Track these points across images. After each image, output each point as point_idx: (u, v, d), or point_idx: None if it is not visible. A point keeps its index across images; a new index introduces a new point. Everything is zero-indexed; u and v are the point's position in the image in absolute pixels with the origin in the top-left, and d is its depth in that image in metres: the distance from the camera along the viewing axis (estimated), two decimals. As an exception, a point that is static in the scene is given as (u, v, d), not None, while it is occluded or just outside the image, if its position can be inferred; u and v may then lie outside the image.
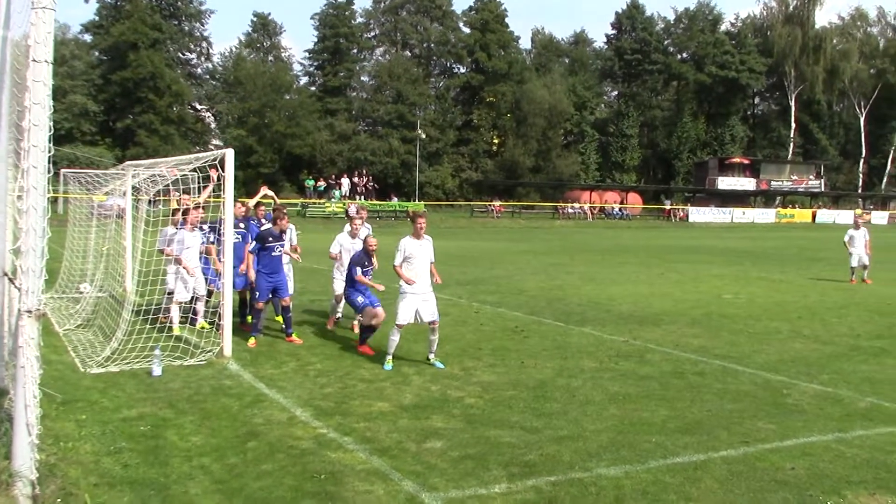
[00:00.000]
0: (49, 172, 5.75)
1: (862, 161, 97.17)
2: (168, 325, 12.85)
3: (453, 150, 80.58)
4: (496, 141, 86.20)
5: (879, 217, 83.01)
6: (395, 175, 75.15)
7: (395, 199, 67.16)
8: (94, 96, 68.72)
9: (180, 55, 79.61)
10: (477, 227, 59.41)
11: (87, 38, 73.55)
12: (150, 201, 15.53)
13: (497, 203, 69.44)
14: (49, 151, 5.70)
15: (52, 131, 5.76)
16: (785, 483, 6.69)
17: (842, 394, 9.73)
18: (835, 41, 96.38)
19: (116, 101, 70.56)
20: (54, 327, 13.06)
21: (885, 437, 8.02)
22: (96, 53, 72.47)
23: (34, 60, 5.65)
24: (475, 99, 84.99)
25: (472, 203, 72.11)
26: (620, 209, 75.29)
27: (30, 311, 5.70)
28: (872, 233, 25.18)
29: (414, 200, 67.20)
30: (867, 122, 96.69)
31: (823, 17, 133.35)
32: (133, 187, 16.21)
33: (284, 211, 13.16)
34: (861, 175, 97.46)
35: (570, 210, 72.15)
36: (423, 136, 72.92)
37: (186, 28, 79.54)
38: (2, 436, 6.51)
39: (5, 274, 8.36)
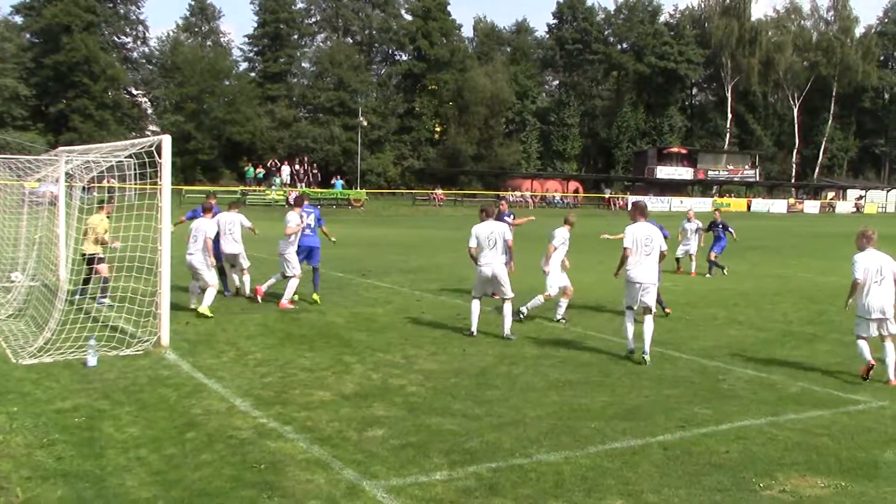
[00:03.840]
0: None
1: (795, 151, 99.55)
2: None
3: (395, 138, 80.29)
4: (438, 129, 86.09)
5: (811, 206, 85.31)
6: (337, 162, 74.66)
7: (339, 180, 66.44)
8: (25, 80, 66.55)
9: (115, 38, 77.56)
10: (419, 215, 59.38)
11: (18, 19, 71.22)
12: (83, 188, 15.16)
13: (439, 191, 69.41)
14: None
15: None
16: (720, 466, 6.84)
17: (775, 379, 9.98)
18: (770, 34, 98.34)
19: (49, 85, 68.52)
20: (-16, 317, 12.72)
21: (815, 420, 8.24)
22: (28, 36, 70.21)
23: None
24: (417, 87, 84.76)
25: (414, 191, 71.97)
26: (562, 198, 75.90)
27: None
28: (803, 221, 25.77)
29: (356, 188, 66.83)
30: (800, 114, 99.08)
31: (759, 10, 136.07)
32: (66, 174, 15.80)
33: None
34: (794, 165, 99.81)
35: (512, 198, 72.49)
36: (365, 123, 72.46)
37: (122, 11, 77.50)
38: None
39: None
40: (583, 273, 18.40)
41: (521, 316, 13.56)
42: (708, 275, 21.07)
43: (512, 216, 17.63)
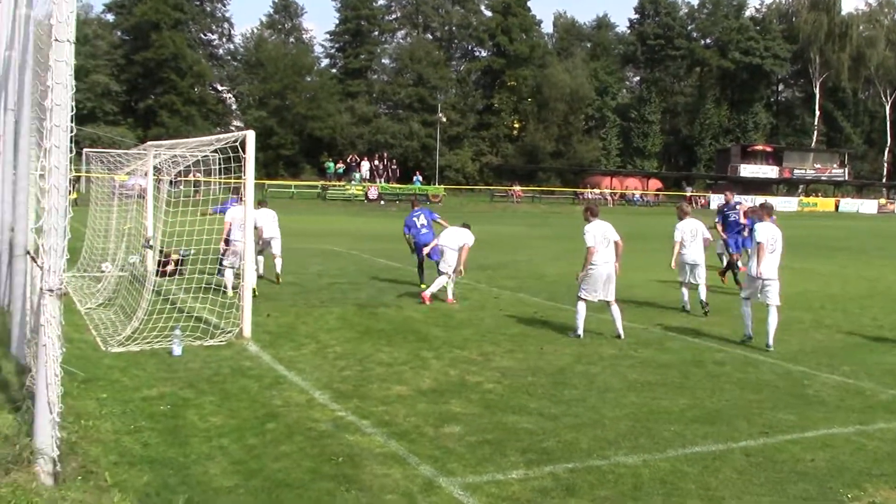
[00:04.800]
0: (71, 152, 5.75)
1: (887, 150, 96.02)
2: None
3: (474, 134, 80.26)
4: (517, 125, 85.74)
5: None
6: (416, 158, 74.99)
7: (418, 176, 66.82)
8: (116, 76, 68.92)
9: (202, 36, 79.46)
10: (497, 211, 59.27)
11: (110, 17, 73.62)
12: (171, 182, 15.57)
13: (517, 188, 69.15)
14: (71, 131, 5.70)
15: (75, 111, 5.75)
16: (805, 475, 6.63)
17: (864, 385, 9.64)
18: (861, 28, 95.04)
19: (139, 81, 70.77)
20: (76, 306, 13.16)
21: (907, 429, 7.93)
22: (119, 33, 72.59)
23: (56, 40, 5.64)
24: (496, 83, 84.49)
25: (491, 187, 71.87)
26: (641, 195, 74.82)
27: (51, 290, 5.72)
28: (895, 222, 24.63)
29: (434, 184, 67.11)
30: (893, 111, 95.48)
31: (850, 3, 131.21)
32: (154, 168, 16.26)
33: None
34: (885, 164, 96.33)
35: (590, 195, 71.77)
36: (444, 119, 72.67)
37: (208, 9, 79.32)
38: (24, 413, 6.56)
39: (28, 253, 8.41)
40: (663, 272, 18.11)
41: (708, 308, 14.46)
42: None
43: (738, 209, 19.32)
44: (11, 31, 9.23)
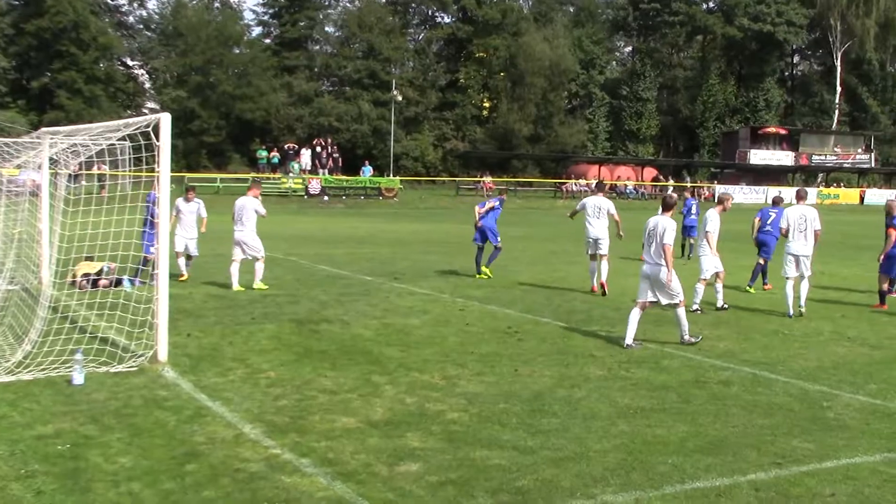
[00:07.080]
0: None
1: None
2: None
3: (435, 116, 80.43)
4: (487, 105, 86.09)
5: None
6: (366, 145, 74.90)
7: (367, 166, 66.41)
8: (3, 49, 67.94)
9: (108, 1, 78.86)
10: (464, 207, 59.30)
11: (-6, -23, 72.83)
12: (70, 176, 15.41)
13: (488, 179, 69.37)
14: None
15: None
16: (824, 512, 6.74)
17: (893, 407, 9.81)
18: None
19: (31, 55, 69.80)
20: (-46, 327, 12.98)
21: (942, 458, 8.09)
22: (5, -2, 71.81)
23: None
24: (462, 54, 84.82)
25: (457, 179, 72.10)
26: (635, 187, 75.41)
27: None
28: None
29: (387, 175, 67.03)
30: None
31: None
32: (51, 159, 16.08)
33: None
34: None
35: (576, 187, 72.18)
36: (400, 98, 72.65)
37: (116, -33, 78.90)
38: None
39: None
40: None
41: (701, 311, 15.93)
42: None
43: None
44: None
